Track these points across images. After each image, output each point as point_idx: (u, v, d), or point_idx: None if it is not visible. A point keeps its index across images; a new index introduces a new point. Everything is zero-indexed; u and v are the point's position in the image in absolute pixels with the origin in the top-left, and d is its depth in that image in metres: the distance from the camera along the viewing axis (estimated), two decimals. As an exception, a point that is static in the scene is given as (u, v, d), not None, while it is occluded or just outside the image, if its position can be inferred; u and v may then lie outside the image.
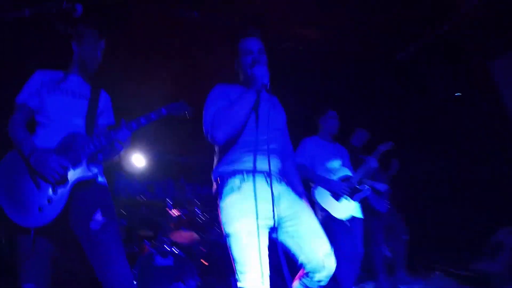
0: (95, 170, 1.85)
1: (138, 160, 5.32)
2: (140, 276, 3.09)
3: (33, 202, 1.69)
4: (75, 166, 1.78)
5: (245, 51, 1.93)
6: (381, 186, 3.60)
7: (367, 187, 3.06)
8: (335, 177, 3.03)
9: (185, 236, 3.88)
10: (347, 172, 3.09)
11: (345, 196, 2.93)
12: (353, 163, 3.27)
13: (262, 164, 1.76)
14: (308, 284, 1.77)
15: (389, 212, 3.81)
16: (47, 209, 1.69)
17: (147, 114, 1.90)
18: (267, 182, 1.75)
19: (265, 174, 1.78)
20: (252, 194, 1.69)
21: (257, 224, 1.64)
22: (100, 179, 1.92)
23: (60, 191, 1.73)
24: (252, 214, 1.66)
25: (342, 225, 2.85)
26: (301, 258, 1.75)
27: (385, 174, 4.05)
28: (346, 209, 2.93)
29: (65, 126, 1.88)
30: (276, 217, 1.69)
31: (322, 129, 3.26)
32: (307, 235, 1.77)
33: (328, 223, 2.76)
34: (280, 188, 1.83)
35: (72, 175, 1.76)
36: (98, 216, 1.75)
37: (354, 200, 2.98)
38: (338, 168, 3.10)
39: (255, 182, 1.73)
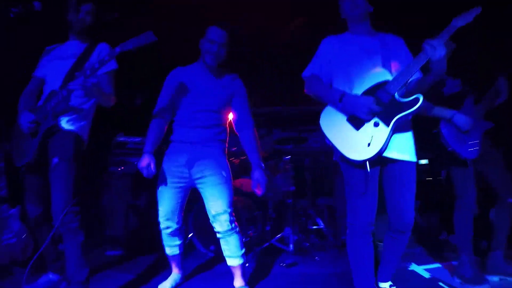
0: (60, 119, 2.21)
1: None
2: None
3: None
4: (43, 119, 2.17)
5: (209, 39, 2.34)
6: (463, 119, 2.47)
7: (420, 99, 1.79)
8: (360, 89, 1.94)
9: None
10: (384, 76, 1.91)
11: (371, 118, 1.86)
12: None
13: (188, 136, 2.39)
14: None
15: (483, 160, 2.58)
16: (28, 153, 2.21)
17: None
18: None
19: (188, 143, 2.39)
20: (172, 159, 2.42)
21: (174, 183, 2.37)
22: (66, 126, 2.23)
23: (34, 140, 2.19)
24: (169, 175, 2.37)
25: (360, 173, 1.94)
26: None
27: (477, 96, 2.65)
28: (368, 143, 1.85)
29: (48, 87, 2.29)
30: (189, 178, 2.37)
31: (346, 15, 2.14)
32: (208, 197, 2.32)
33: (346, 169, 2.03)
34: (192, 156, 2.35)
35: (41, 127, 2.18)
36: (55, 158, 2.15)
37: (388, 125, 1.82)
38: (369, 74, 1.96)
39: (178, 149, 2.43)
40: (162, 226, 2.45)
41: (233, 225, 2.34)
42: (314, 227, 3.93)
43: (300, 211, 3.99)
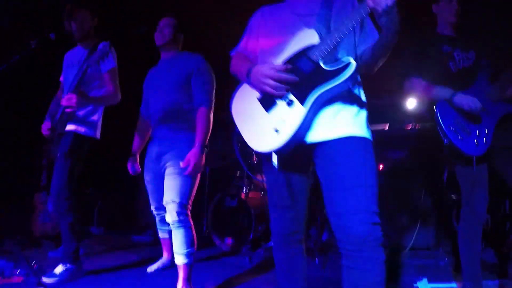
0: (67, 123, 2.50)
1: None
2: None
3: None
4: (56, 124, 2.50)
5: None
6: (465, 100, 1.92)
7: (351, 64, 1.26)
8: (281, 59, 1.43)
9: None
10: (312, 38, 1.37)
11: (283, 94, 1.35)
12: None
13: (155, 131, 2.47)
14: None
15: (502, 156, 2.12)
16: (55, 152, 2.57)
17: None
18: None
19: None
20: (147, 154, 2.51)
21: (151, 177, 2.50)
22: (71, 127, 2.53)
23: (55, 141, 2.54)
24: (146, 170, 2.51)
25: (274, 174, 1.47)
26: None
27: (494, 72, 2.10)
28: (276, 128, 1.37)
29: (64, 93, 2.57)
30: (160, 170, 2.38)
31: None
32: (164, 186, 2.28)
33: (264, 166, 1.57)
34: (159, 149, 2.39)
35: (56, 132, 2.50)
36: (57, 154, 2.48)
37: (303, 103, 1.31)
38: (294, 38, 1.45)
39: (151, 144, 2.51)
40: (154, 212, 2.65)
41: (182, 217, 2.18)
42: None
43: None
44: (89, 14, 2.63)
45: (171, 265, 2.75)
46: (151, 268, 2.76)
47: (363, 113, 1.39)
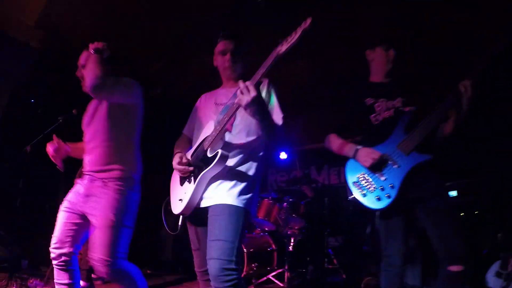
0: None
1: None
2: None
3: None
4: None
5: None
6: (363, 153, 1.99)
7: (218, 154, 1.67)
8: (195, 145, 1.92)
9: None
10: (208, 130, 1.84)
11: (187, 175, 1.82)
12: None
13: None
14: None
15: (425, 207, 1.94)
16: None
17: None
18: None
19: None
20: None
21: None
22: None
23: None
24: None
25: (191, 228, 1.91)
26: None
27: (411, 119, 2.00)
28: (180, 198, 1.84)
29: None
30: None
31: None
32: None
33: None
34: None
35: None
36: None
37: (194, 181, 1.76)
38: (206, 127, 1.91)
39: None
40: None
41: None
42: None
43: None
44: None
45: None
46: None
47: (240, 186, 1.73)
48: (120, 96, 2.06)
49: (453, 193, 3.52)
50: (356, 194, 1.99)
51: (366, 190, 1.96)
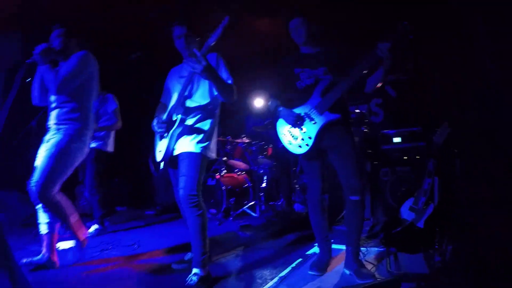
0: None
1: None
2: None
3: None
4: None
5: None
6: (284, 113, 2.47)
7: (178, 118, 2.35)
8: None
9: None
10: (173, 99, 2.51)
11: (162, 133, 2.47)
12: None
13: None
14: None
15: (334, 152, 2.44)
16: None
17: None
18: None
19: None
20: None
21: None
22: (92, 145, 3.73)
23: None
24: None
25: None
26: None
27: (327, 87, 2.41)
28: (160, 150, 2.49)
29: None
30: None
31: None
32: None
33: None
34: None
35: None
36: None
37: (166, 137, 2.41)
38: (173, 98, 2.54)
39: None
40: None
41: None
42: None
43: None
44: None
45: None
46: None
47: (198, 137, 2.35)
48: None
49: (398, 140, 4.14)
50: (284, 143, 2.54)
51: (291, 141, 2.48)
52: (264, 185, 4.83)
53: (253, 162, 4.79)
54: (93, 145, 3.81)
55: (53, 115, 2.62)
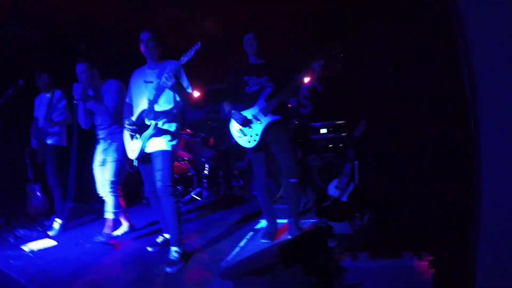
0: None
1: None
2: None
3: None
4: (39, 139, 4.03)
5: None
6: (235, 116, 2.97)
7: (151, 123, 2.67)
8: (135, 115, 2.82)
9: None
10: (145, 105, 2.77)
11: (134, 134, 2.79)
12: None
13: None
14: None
15: (275, 146, 3.00)
16: None
17: None
18: None
19: None
20: None
21: None
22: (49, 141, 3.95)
23: None
24: None
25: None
26: None
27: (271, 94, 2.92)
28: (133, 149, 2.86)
29: None
30: None
31: None
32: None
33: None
34: None
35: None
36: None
37: (139, 138, 2.74)
38: (141, 102, 2.82)
39: None
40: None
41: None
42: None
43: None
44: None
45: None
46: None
47: (168, 137, 2.72)
48: None
49: (324, 131, 4.92)
50: (236, 139, 3.04)
51: (242, 137, 2.99)
52: (206, 172, 5.27)
53: (198, 152, 5.19)
54: (49, 141, 3.93)
55: (104, 132, 3.38)
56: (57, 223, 3.80)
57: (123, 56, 4.00)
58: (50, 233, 3.69)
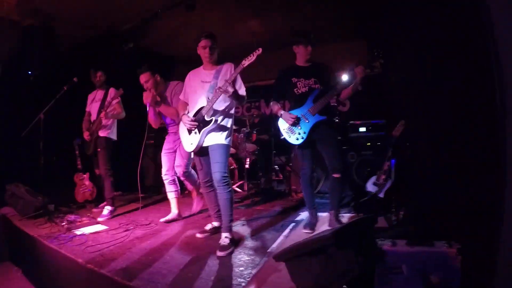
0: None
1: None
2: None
3: None
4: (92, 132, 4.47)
5: None
6: (285, 116, 3.25)
7: (212, 121, 2.92)
8: (192, 112, 3.06)
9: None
10: (203, 102, 3.01)
11: (193, 129, 3.01)
12: None
13: None
14: None
15: (321, 143, 3.28)
16: None
17: None
18: None
19: None
20: None
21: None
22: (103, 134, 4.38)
23: None
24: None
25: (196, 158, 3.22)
26: None
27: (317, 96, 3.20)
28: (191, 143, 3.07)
29: None
30: None
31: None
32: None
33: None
34: None
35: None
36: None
37: (199, 133, 2.97)
38: (199, 100, 3.06)
39: None
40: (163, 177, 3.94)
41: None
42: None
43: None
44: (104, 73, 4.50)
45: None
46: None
47: (225, 133, 2.97)
48: None
49: (363, 129, 5.07)
50: (285, 136, 3.31)
51: (290, 134, 3.26)
52: (247, 166, 5.58)
53: (241, 146, 5.52)
54: (102, 134, 4.33)
55: (175, 127, 3.77)
56: (106, 210, 4.13)
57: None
58: (100, 219, 3.99)
